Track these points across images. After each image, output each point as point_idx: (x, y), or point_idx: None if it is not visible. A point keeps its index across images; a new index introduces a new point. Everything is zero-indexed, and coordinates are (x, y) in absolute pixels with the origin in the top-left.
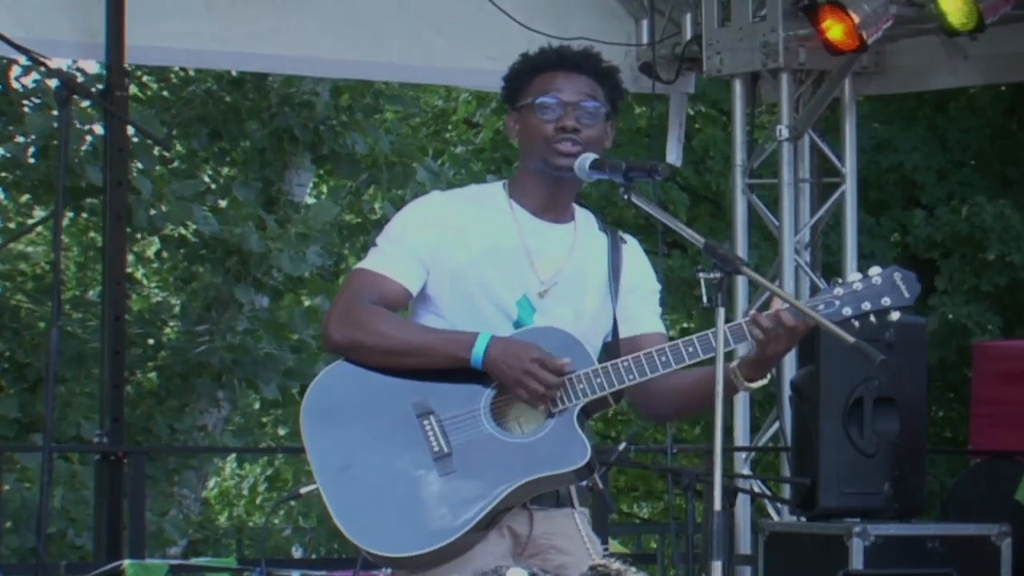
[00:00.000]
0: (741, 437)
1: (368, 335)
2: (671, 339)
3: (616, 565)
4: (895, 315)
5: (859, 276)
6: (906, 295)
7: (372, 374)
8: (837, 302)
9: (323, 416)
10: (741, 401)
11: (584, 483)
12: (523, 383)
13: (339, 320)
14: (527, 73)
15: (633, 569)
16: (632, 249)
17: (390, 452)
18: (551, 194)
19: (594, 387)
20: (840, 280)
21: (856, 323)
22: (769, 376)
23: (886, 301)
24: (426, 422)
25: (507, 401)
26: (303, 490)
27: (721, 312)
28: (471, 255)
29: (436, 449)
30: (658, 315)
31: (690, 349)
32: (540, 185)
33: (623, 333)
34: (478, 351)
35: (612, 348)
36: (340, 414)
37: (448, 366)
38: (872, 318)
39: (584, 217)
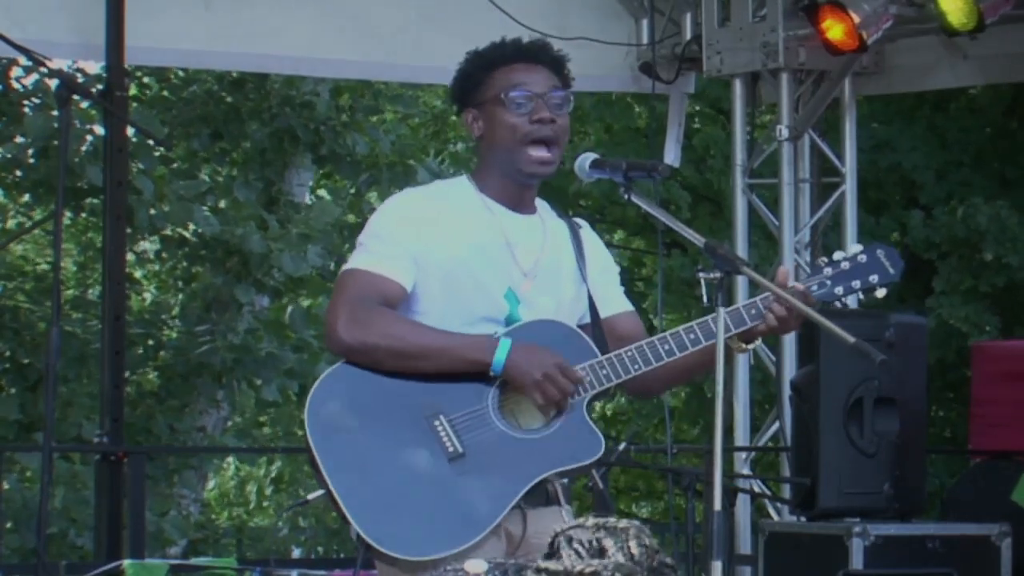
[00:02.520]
0: (741, 437)
1: (383, 338)
2: None
3: (592, 522)
4: (881, 292)
5: (845, 255)
6: (891, 271)
7: (375, 376)
8: (828, 282)
9: (329, 420)
10: (741, 401)
11: (588, 482)
12: (542, 388)
13: (349, 323)
14: (484, 69)
15: (613, 519)
16: (588, 232)
17: (404, 454)
18: (520, 190)
19: (600, 379)
20: (826, 259)
21: (846, 301)
22: (759, 340)
23: (874, 279)
24: (436, 423)
25: (512, 398)
26: (310, 496)
27: (722, 312)
28: (458, 250)
29: (451, 450)
30: (623, 293)
31: (691, 336)
32: (508, 181)
33: (586, 318)
34: (500, 356)
35: (595, 333)
36: (347, 417)
37: (465, 370)
38: (860, 295)
39: (542, 206)
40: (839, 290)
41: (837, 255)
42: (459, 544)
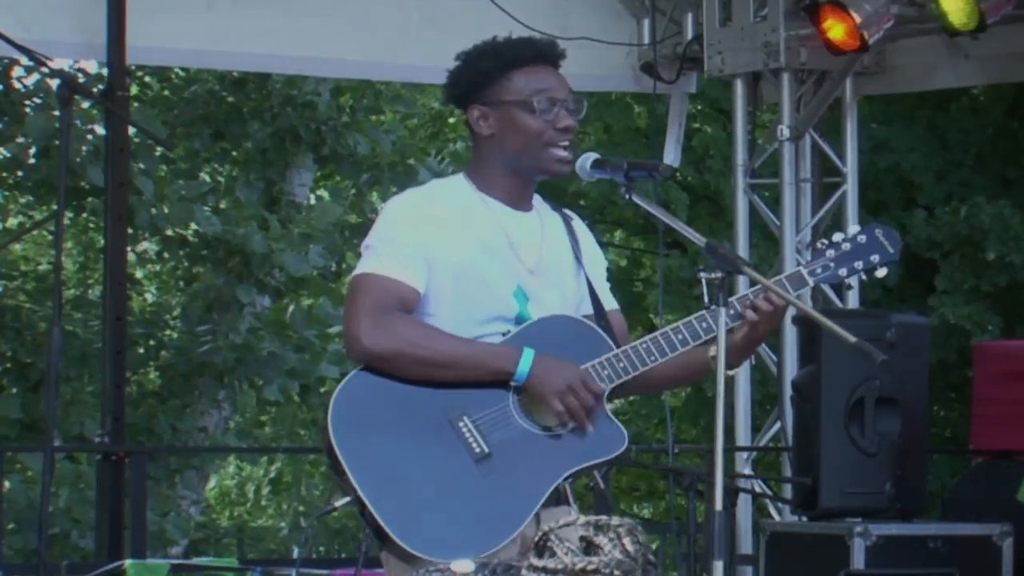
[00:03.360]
0: (742, 437)
1: (408, 346)
2: None
3: (583, 519)
4: (882, 271)
5: (844, 236)
6: (891, 250)
7: (392, 382)
8: (832, 264)
9: (353, 426)
10: (742, 401)
11: (589, 482)
12: (561, 404)
13: (372, 331)
14: (501, 69)
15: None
16: (579, 225)
17: (431, 458)
18: (523, 188)
19: (618, 371)
20: (827, 241)
21: (851, 281)
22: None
23: (875, 259)
24: (461, 424)
25: (532, 396)
26: (337, 503)
27: (723, 312)
28: (467, 251)
29: (477, 451)
30: (608, 289)
31: (703, 325)
32: (513, 179)
33: (584, 309)
34: (524, 367)
35: (602, 322)
36: (371, 423)
37: (490, 379)
38: (863, 276)
39: (537, 200)
40: (843, 271)
41: (836, 236)
42: (493, 545)
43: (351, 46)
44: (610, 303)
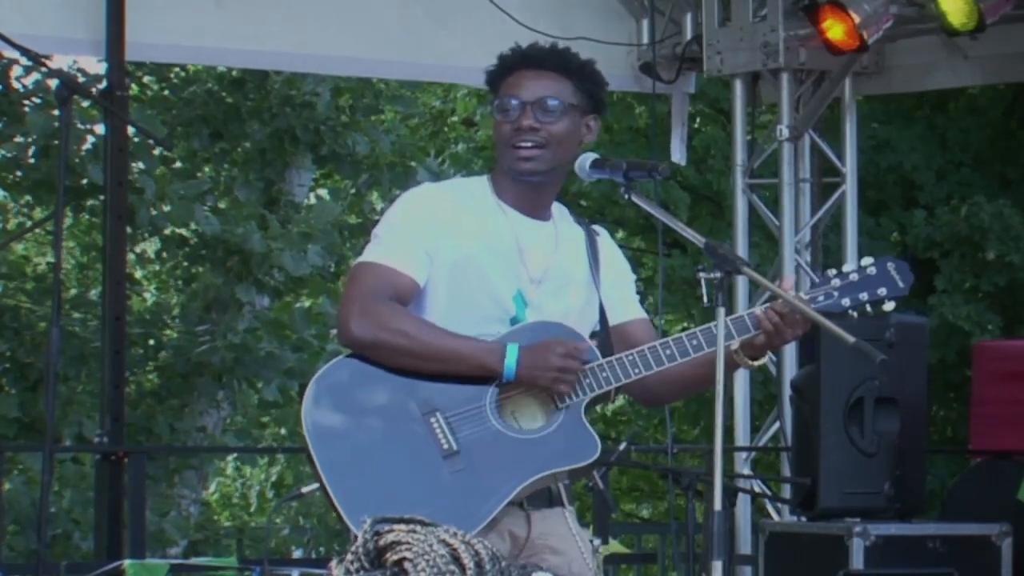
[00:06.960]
0: (741, 437)
1: (394, 335)
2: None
3: None
4: (890, 305)
5: (854, 267)
6: (900, 285)
7: (375, 370)
8: (836, 293)
9: (327, 413)
10: (742, 401)
11: (588, 483)
12: (560, 381)
13: (361, 316)
14: (499, 75)
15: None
16: (605, 240)
17: (399, 451)
18: (529, 194)
19: (600, 382)
20: (835, 271)
21: (854, 313)
22: (768, 356)
23: (882, 291)
24: (433, 420)
25: (510, 397)
26: (305, 489)
27: (722, 312)
28: (470, 248)
29: (445, 447)
30: (637, 301)
31: (694, 342)
32: (517, 185)
33: (610, 322)
34: (510, 364)
35: (603, 339)
36: (343, 412)
37: (476, 375)
38: (869, 308)
39: (559, 212)
40: (846, 301)
41: (847, 267)
42: None
43: (355, 43)
44: (635, 313)
